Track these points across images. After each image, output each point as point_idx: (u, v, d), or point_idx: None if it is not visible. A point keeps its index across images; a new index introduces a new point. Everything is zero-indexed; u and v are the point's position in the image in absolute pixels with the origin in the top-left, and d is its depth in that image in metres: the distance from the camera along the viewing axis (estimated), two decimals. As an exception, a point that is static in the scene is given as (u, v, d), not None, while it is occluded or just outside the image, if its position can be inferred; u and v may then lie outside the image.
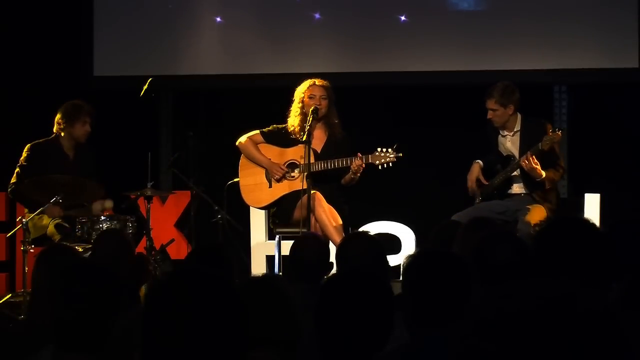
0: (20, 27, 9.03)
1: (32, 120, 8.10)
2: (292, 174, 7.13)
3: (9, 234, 7.45)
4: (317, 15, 8.72)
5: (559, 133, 6.87)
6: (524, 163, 6.80)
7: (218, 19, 8.82)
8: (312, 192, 6.74)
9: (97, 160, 7.59)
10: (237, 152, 7.28)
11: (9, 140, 8.15)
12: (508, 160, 7.05)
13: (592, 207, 7.52)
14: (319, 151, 7.09)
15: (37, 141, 7.46)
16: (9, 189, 7.35)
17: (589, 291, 1.63)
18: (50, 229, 7.12)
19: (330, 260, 4.73)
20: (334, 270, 4.53)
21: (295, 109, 7.10)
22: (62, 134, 7.41)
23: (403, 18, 8.63)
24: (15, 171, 7.37)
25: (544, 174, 6.84)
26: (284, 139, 7.15)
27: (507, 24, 8.54)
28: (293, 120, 7.10)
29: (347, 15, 8.70)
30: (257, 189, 7.20)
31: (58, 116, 7.41)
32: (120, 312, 2.92)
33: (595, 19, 8.44)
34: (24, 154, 7.40)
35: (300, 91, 7.10)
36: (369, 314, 2.78)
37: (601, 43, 8.42)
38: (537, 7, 8.47)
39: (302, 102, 7.07)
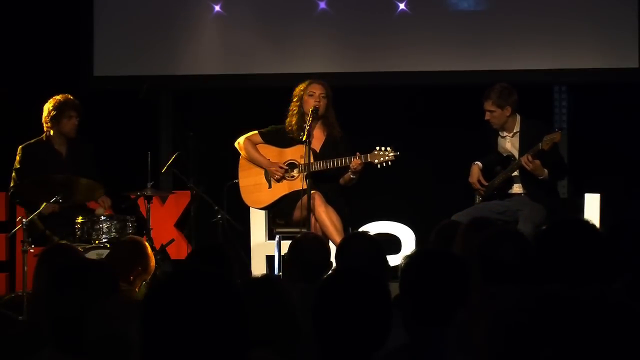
0: (20, 27, 9.03)
1: (32, 121, 8.09)
2: (292, 174, 7.13)
3: (9, 234, 7.45)
4: (322, 4, 8.72)
5: (559, 133, 6.88)
6: (526, 163, 6.81)
7: (217, 8, 8.81)
8: (312, 192, 6.74)
9: (96, 152, 7.59)
10: (237, 152, 7.29)
11: (9, 141, 8.15)
12: (508, 160, 7.05)
13: (592, 207, 7.52)
14: (317, 151, 7.09)
15: (27, 142, 7.47)
16: (10, 192, 7.37)
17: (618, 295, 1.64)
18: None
19: (330, 260, 4.74)
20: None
21: (293, 108, 7.10)
22: (52, 132, 7.41)
23: (402, 7, 8.63)
24: (12, 176, 7.39)
25: (546, 172, 6.85)
26: (282, 139, 7.15)
27: (507, 24, 8.54)
28: (291, 119, 7.09)
29: (347, 15, 8.70)
30: (256, 189, 7.20)
31: (44, 115, 7.41)
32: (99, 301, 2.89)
33: (595, 19, 8.44)
34: (17, 157, 7.42)
35: (299, 89, 7.10)
36: (366, 313, 2.78)
37: (601, 43, 8.42)
38: (537, 7, 8.47)
39: (301, 100, 7.06)
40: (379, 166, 6.89)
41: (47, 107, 7.39)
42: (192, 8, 8.86)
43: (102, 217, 7.10)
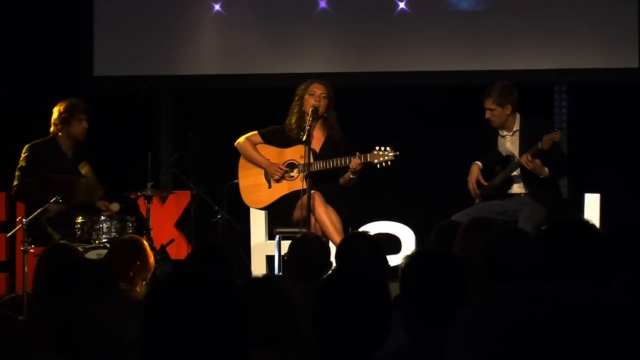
0: (20, 27, 9.03)
1: (32, 121, 8.10)
2: (292, 174, 7.13)
3: (9, 234, 7.46)
4: (322, 4, 8.72)
5: (559, 132, 6.88)
6: (527, 163, 6.80)
7: (217, 7, 8.81)
8: (311, 192, 6.74)
9: (90, 150, 7.61)
10: (237, 152, 7.29)
11: (9, 141, 8.15)
12: (508, 160, 7.05)
13: (592, 207, 7.52)
14: (317, 151, 7.09)
15: (35, 142, 7.49)
16: (13, 191, 7.40)
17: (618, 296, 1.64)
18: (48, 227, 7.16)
19: (330, 260, 4.74)
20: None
21: (294, 107, 7.11)
22: (60, 134, 7.44)
23: (401, 6, 8.64)
24: (16, 174, 7.41)
25: (546, 170, 6.85)
26: (282, 139, 7.15)
27: (507, 24, 8.55)
28: (291, 118, 7.10)
29: (347, 14, 8.70)
30: (256, 189, 7.20)
31: (54, 116, 7.45)
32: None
33: (595, 18, 8.44)
34: (23, 155, 7.44)
35: (301, 89, 7.11)
36: (366, 313, 2.78)
37: (601, 43, 8.43)
38: (537, 7, 8.48)
39: (302, 99, 7.07)
40: (378, 166, 6.89)
41: (58, 108, 7.45)
42: (192, 8, 8.86)
43: (102, 217, 7.11)
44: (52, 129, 7.48)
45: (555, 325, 1.58)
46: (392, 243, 7.88)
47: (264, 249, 7.76)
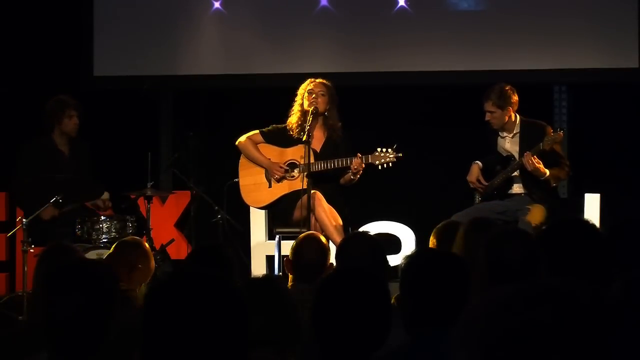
0: (20, 27, 9.04)
1: (32, 121, 8.10)
2: (292, 174, 7.13)
3: (9, 234, 7.46)
4: (322, 1, 8.72)
5: (561, 133, 6.87)
6: (527, 163, 6.79)
7: (216, 5, 8.81)
8: (312, 192, 6.74)
9: (92, 152, 7.61)
10: (237, 152, 7.28)
11: (9, 141, 8.15)
12: (508, 160, 7.04)
13: (592, 207, 7.52)
14: (318, 151, 7.09)
15: (30, 141, 7.48)
16: (11, 190, 7.42)
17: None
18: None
19: (330, 261, 4.74)
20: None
21: (295, 107, 7.11)
22: (54, 132, 7.44)
23: (401, 4, 8.64)
24: (14, 173, 7.41)
25: (547, 172, 6.84)
26: (283, 139, 7.15)
27: (507, 24, 8.55)
28: (292, 118, 7.11)
29: (347, 13, 8.70)
30: (256, 189, 7.20)
31: (46, 115, 7.44)
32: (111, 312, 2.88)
33: (595, 19, 8.44)
34: (20, 155, 7.43)
35: (301, 88, 7.11)
36: (366, 313, 2.78)
37: (601, 43, 8.43)
38: (537, 8, 8.48)
39: (302, 99, 7.07)
40: (379, 167, 6.89)
41: (48, 105, 7.44)
42: (192, 8, 8.86)
43: (102, 217, 7.11)
44: (47, 127, 7.49)
45: (556, 325, 1.58)
46: (392, 243, 7.88)
47: (264, 249, 7.76)
